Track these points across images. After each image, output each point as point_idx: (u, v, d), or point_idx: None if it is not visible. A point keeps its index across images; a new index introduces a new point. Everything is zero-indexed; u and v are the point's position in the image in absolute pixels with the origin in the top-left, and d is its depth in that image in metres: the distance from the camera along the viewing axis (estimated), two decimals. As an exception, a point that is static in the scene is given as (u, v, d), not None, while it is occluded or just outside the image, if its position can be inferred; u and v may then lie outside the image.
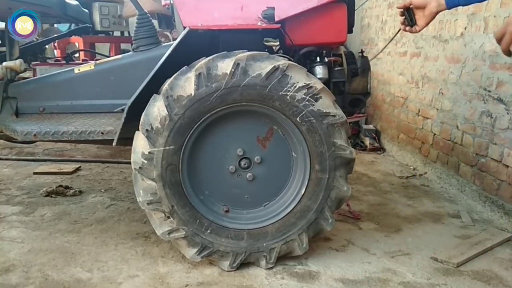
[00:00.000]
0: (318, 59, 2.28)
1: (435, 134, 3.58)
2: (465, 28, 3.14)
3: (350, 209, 2.77)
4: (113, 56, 3.14)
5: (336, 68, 2.32)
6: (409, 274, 2.11)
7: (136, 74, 2.13)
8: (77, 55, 4.08)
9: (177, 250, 2.16)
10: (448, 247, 2.38)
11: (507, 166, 2.65)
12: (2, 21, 2.43)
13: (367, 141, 4.50)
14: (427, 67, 3.72)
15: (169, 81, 1.93)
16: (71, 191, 3.05)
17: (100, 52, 4.08)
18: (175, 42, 1.98)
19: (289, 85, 1.90)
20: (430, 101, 3.66)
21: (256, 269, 2.11)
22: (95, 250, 2.27)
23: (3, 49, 2.51)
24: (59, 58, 3.53)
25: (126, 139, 2.09)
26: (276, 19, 2.04)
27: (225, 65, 1.89)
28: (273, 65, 1.89)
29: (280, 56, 2.06)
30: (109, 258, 2.20)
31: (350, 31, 2.25)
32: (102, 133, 2.13)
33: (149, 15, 2.36)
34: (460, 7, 3.20)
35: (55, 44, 4.33)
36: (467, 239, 2.48)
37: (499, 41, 1.46)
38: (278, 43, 2.58)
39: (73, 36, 4.13)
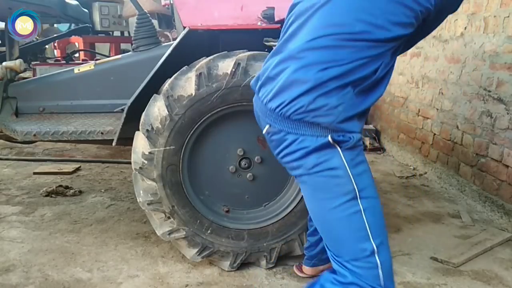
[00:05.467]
0: (318, 59, 2.28)
1: (435, 134, 3.58)
2: (465, 28, 3.14)
3: (350, 209, 2.76)
4: (113, 56, 3.13)
5: (336, 68, 2.32)
6: (409, 274, 2.11)
7: (136, 74, 2.13)
8: (77, 55, 4.07)
9: (177, 250, 2.15)
10: (448, 247, 2.38)
11: (507, 166, 2.65)
12: (2, 21, 2.42)
13: (367, 141, 4.50)
14: (427, 67, 3.72)
15: (169, 81, 1.93)
16: (71, 191, 3.05)
17: (100, 52, 4.07)
18: (175, 42, 1.98)
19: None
20: (430, 101, 3.66)
21: (256, 269, 2.11)
22: (95, 250, 2.27)
23: (3, 49, 2.51)
24: (59, 58, 3.52)
25: (126, 139, 2.09)
26: (276, 19, 2.03)
27: (225, 65, 1.89)
28: (273, 65, 1.88)
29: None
30: (109, 258, 2.20)
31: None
32: (102, 133, 2.13)
33: (149, 15, 2.35)
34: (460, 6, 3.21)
35: (55, 44, 4.33)
36: (467, 239, 2.48)
37: None
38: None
39: (73, 36, 4.12)
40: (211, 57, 1.92)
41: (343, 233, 1.29)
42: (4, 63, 2.32)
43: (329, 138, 1.23)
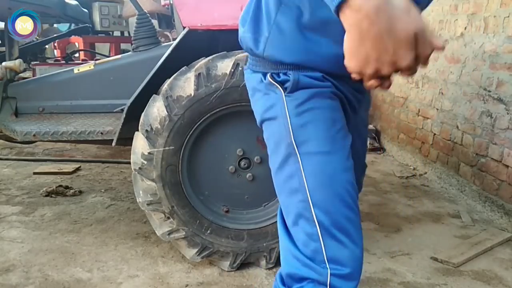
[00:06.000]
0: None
1: (435, 134, 3.57)
2: (465, 28, 3.14)
3: (350, 209, 2.76)
4: (113, 56, 3.14)
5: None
6: (409, 274, 2.11)
7: (136, 74, 2.13)
8: (77, 55, 4.07)
9: (177, 250, 2.16)
10: (448, 247, 2.37)
11: (507, 166, 2.65)
12: (2, 21, 2.43)
13: (367, 141, 4.49)
14: (427, 67, 3.72)
15: (168, 81, 1.93)
16: (71, 191, 3.05)
17: (100, 52, 4.07)
18: (175, 42, 1.98)
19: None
20: (430, 101, 3.66)
21: (256, 269, 2.11)
22: (95, 250, 2.27)
23: (3, 49, 2.51)
24: (59, 58, 3.52)
25: (125, 139, 2.10)
26: None
27: (224, 65, 1.89)
28: (272, 65, 1.88)
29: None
30: (109, 258, 2.20)
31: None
32: (102, 133, 2.13)
33: (149, 15, 2.35)
34: (460, 7, 3.21)
35: (55, 44, 4.33)
36: (467, 239, 2.48)
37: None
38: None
39: (73, 36, 4.12)
40: (210, 57, 1.92)
41: (284, 197, 1.06)
42: (3, 63, 2.32)
43: (268, 77, 1.01)
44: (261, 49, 1.00)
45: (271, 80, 1.01)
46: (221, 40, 2.11)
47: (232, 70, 1.87)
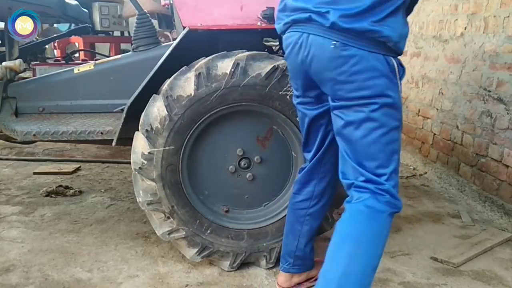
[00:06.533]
0: (318, 59, 2.28)
1: (435, 134, 3.57)
2: (465, 28, 3.14)
3: (350, 209, 2.76)
4: (113, 56, 3.13)
5: (336, 68, 2.32)
6: (409, 274, 2.11)
7: (136, 74, 2.13)
8: (77, 55, 4.07)
9: (177, 250, 2.16)
10: (448, 247, 2.37)
11: (507, 166, 2.65)
12: (2, 21, 2.43)
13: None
14: (427, 67, 3.72)
15: (168, 81, 1.93)
16: (71, 191, 3.05)
17: (100, 52, 4.07)
18: (175, 42, 1.98)
19: (288, 85, 1.90)
20: (430, 101, 3.66)
21: (256, 269, 2.11)
22: (95, 250, 2.27)
23: (3, 49, 2.51)
24: (59, 58, 3.52)
25: (125, 139, 2.09)
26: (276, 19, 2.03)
27: (224, 65, 1.89)
28: (272, 65, 1.88)
29: (280, 56, 2.06)
30: (109, 258, 2.20)
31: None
32: (102, 133, 2.13)
33: (149, 15, 2.35)
34: (460, 7, 3.21)
35: (55, 44, 4.32)
36: (467, 239, 2.48)
37: None
38: (278, 43, 2.58)
39: (73, 36, 4.12)
40: (210, 57, 1.92)
41: (383, 154, 1.49)
42: (3, 63, 2.32)
43: (394, 61, 1.43)
44: (397, 43, 1.40)
45: (395, 64, 1.44)
46: (221, 40, 2.10)
47: (232, 70, 1.87)
